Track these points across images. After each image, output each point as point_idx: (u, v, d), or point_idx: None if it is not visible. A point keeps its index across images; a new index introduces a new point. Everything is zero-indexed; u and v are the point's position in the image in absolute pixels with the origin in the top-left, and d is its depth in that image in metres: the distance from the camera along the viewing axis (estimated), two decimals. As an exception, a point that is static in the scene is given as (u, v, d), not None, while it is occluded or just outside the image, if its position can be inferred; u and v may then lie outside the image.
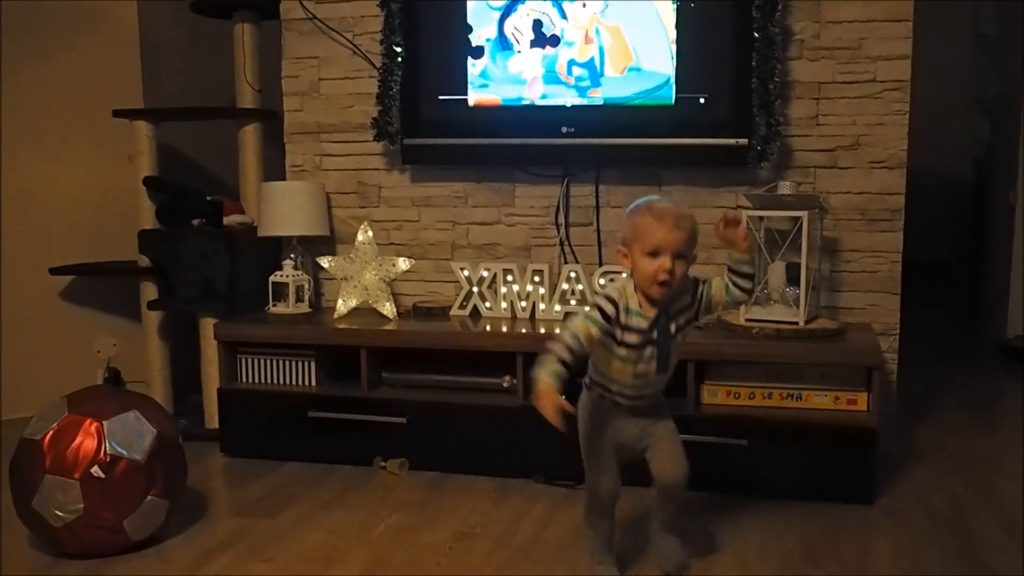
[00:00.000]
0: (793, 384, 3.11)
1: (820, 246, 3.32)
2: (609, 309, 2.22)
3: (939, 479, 3.27)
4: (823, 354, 3.05)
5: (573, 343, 2.16)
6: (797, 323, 3.15)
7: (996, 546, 2.70)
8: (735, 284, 2.31)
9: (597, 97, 3.43)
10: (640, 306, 2.25)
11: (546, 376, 2.13)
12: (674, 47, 3.35)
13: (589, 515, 2.47)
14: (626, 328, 2.24)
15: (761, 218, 3.24)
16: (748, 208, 3.25)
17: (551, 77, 3.47)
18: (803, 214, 3.11)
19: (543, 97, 3.49)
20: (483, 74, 3.52)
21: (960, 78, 7.27)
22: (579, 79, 3.44)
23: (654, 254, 2.19)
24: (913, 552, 2.66)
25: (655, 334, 2.25)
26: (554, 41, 3.45)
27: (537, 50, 3.47)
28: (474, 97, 3.54)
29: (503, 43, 3.50)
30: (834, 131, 3.40)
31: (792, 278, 3.21)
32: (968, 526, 2.85)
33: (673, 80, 3.35)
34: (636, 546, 2.63)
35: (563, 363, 2.15)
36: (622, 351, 2.26)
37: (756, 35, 3.27)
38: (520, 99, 3.51)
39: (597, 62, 3.42)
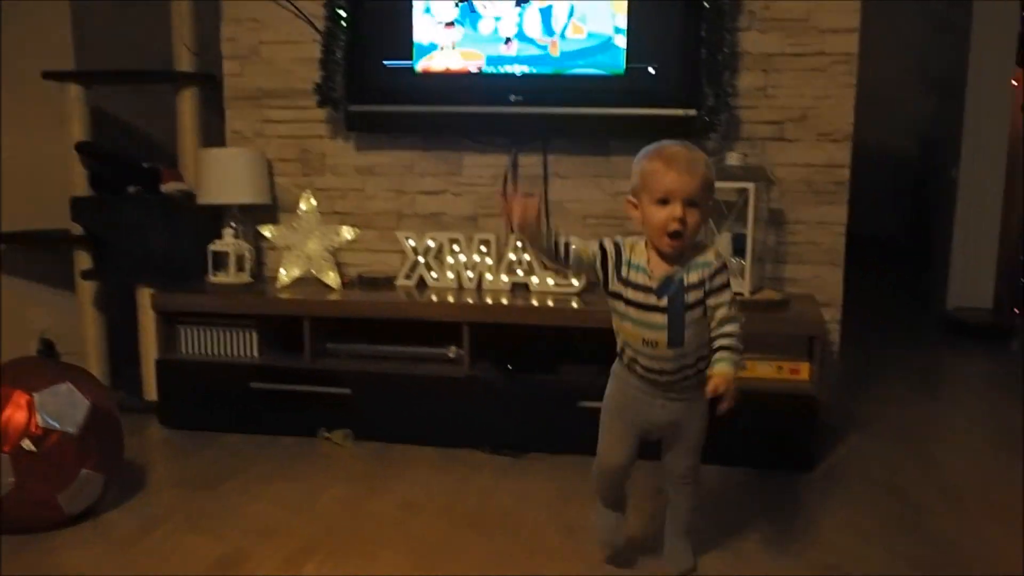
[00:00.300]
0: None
1: (766, 218, 3.33)
2: (609, 249, 2.13)
3: (878, 447, 3.31)
4: (767, 324, 3.05)
5: (575, 242, 2.16)
6: (742, 293, 3.15)
7: (932, 511, 2.74)
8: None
9: (546, 66, 3.39)
10: (648, 263, 2.08)
11: None
12: (624, 16, 3.31)
13: (595, 482, 2.37)
14: (626, 283, 2.10)
15: (708, 189, 3.23)
16: (695, 178, 3.24)
17: (499, 45, 3.42)
18: (750, 185, 3.11)
19: (491, 64, 3.44)
20: (431, 45, 3.46)
21: (909, 54, 7.33)
22: (527, 46, 3.40)
23: (663, 202, 2.02)
24: (852, 518, 2.68)
25: (666, 300, 2.06)
26: (502, 9, 3.40)
27: (487, 17, 3.42)
28: (421, 64, 3.49)
29: (463, 10, 3.44)
30: (782, 103, 3.40)
31: (738, 249, 3.21)
32: (906, 492, 2.89)
33: (624, 49, 3.32)
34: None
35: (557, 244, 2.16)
36: (625, 308, 2.11)
37: (706, 5, 3.26)
38: (468, 67, 3.45)
39: (547, 29, 3.38)
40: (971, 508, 2.78)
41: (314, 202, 3.54)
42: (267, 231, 3.59)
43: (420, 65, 3.48)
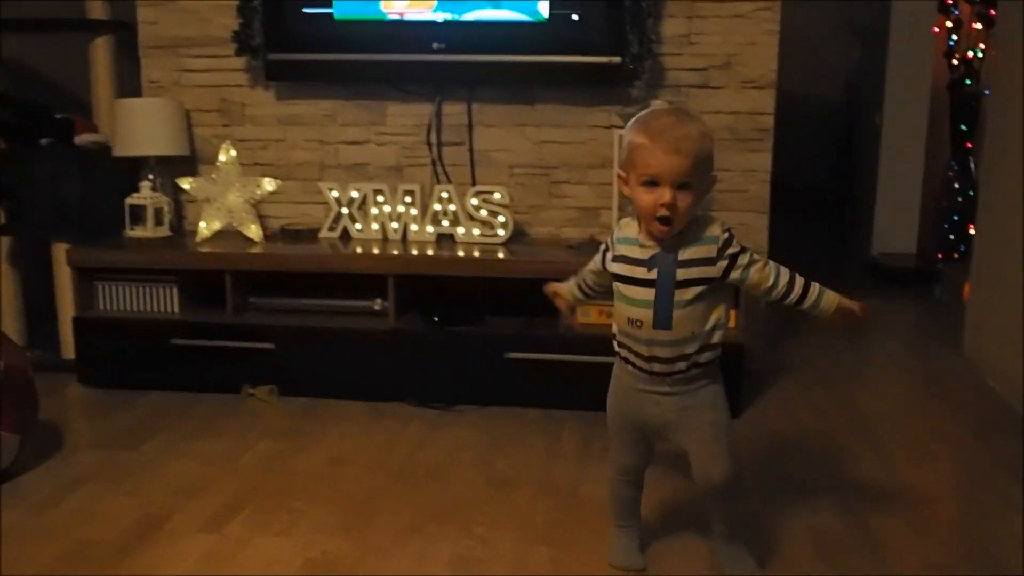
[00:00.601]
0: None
1: (692, 165, 3.32)
2: (606, 241, 2.00)
3: (804, 393, 3.35)
4: (694, 273, 3.05)
5: (588, 267, 2.09)
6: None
7: (856, 456, 2.78)
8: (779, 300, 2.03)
9: (468, 13, 3.33)
10: (639, 234, 1.90)
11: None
12: (546, -39, 3.27)
13: (610, 481, 2.17)
14: (616, 257, 1.94)
15: (634, 137, 3.21)
16: (621, 127, 3.22)
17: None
18: (675, 132, 3.09)
19: (442, 9, 3.37)
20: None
21: (833, 1, 7.36)
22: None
23: (651, 184, 1.82)
24: (778, 462, 2.73)
25: (655, 276, 1.87)
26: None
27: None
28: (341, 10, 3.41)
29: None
30: (706, 50, 3.39)
31: (664, 197, 3.20)
32: (830, 437, 2.93)
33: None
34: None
35: (580, 286, 2.15)
36: (616, 286, 1.95)
37: (629, -51, 3.22)
38: (388, 13, 3.38)
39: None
40: (894, 453, 2.83)
41: (234, 153, 3.46)
42: (186, 183, 3.50)
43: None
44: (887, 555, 2.19)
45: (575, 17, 3.28)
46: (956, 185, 5.82)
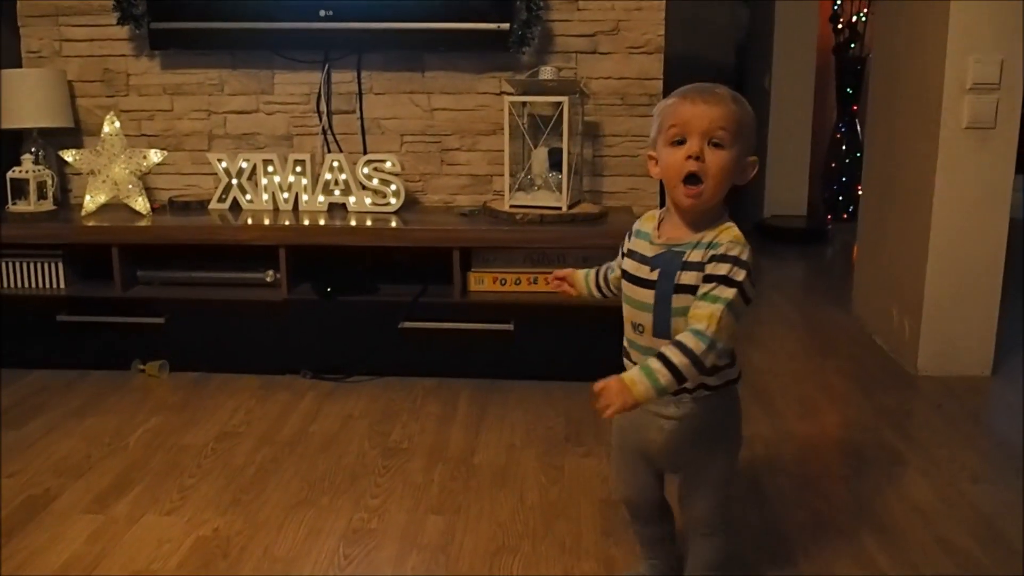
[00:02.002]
0: (557, 268, 3.14)
1: (581, 131, 3.35)
2: (629, 231, 1.78)
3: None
4: (585, 237, 3.09)
5: (614, 262, 1.84)
6: (560, 208, 3.18)
7: (745, 410, 2.84)
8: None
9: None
10: (657, 229, 1.70)
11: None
12: (433, -73, 3.25)
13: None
14: (627, 252, 1.73)
15: (524, 104, 3.23)
16: (511, 93, 3.23)
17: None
18: (564, 99, 3.11)
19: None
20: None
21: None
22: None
23: (679, 142, 1.60)
24: (669, 425, 2.77)
25: (656, 276, 1.65)
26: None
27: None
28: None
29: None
30: (594, 16, 3.40)
31: (555, 163, 3.23)
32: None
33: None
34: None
35: (598, 280, 1.92)
36: (623, 285, 1.73)
37: (515, -85, 3.22)
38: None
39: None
40: (782, 409, 2.91)
41: (119, 124, 3.38)
42: (69, 156, 3.41)
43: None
44: (775, 508, 2.27)
45: (463, -16, 3.28)
46: (843, 147, 5.98)
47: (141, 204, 3.36)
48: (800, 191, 5.88)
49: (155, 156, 3.40)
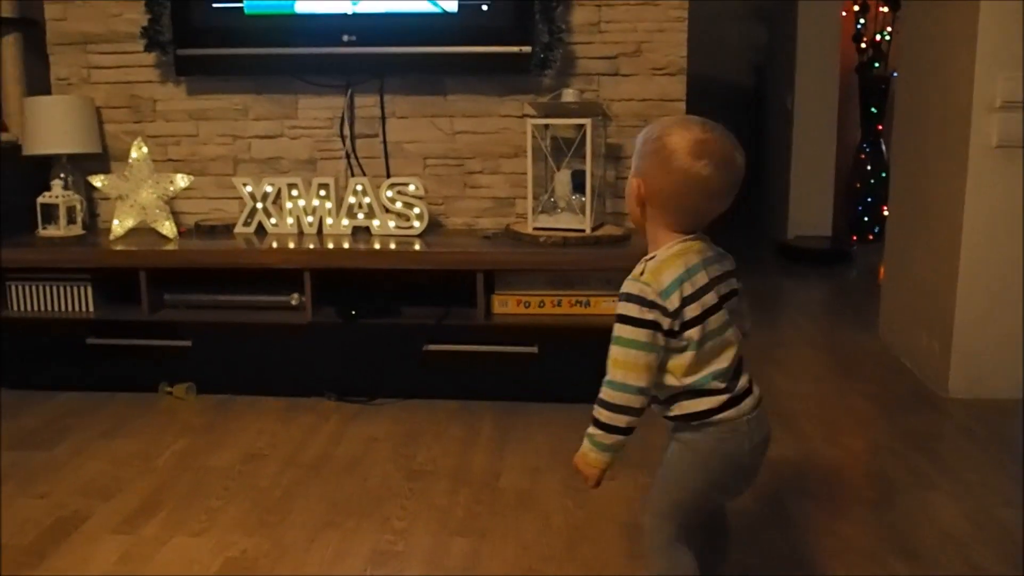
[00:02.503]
0: (580, 290, 3.16)
1: (604, 153, 3.37)
2: None
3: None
4: (609, 260, 3.09)
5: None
6: (583, 230, 3.19)
7: (773, 437, 2.84)
8: None
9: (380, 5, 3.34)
10: None
11: None
12: (455, -48, 3.28)
13: None
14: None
15: (546, 126, 3.25)
16: (533, 116, 3.25)
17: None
18: (586, 121, 3.13)
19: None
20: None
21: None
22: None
23: None
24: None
25: None
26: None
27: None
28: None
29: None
30: (615, 38, 3.42)
31: (577, 185, 3.24)
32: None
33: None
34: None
35: None
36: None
37: (537, -61, 3.25)
38: (292, 7, 3.37)
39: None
40: (808, 432, 2.90)
41: (146, 150, 3.42)
42: (98, 181, 3.46)
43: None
44: (801, 532, 2.25)
45: (484, 7, 3.30)
46: (868, 167, 5.96)
47: (168, 228, 3.40)
48: (824, 212, 5.87)
49: (182, 181, 3.43)
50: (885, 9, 5.69)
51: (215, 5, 3.39)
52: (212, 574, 2.08)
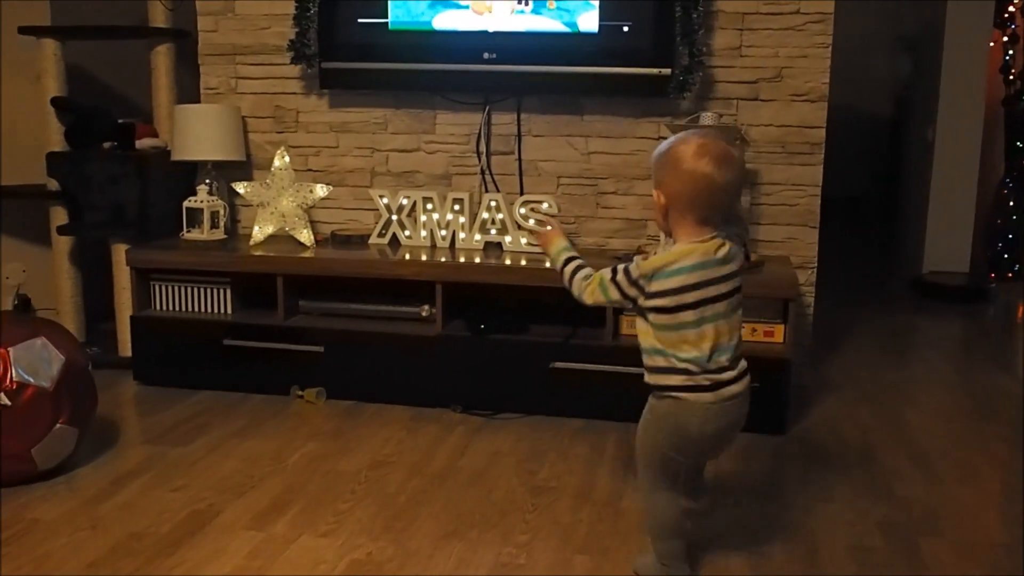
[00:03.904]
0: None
1: (740, 178, 3.32)
2: None
3: (850, 410, 3.34)
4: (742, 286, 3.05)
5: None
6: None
7: (902, 474, 2.77)
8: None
9: (519, 23, 3.37)
10: None
11: None
12: (598, -27, 3.30)
13: None
14: None
15: (682, 149, 3.23)
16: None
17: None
18: (723, 146, 3.10)
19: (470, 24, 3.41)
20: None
21: (882, 13, 7.32)
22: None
23: None
24: (823, 480, 2.71)
25: None
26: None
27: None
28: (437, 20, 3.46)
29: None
30: (756, 63, 3.39)
31: (711, 210, 3.21)
32: (876, 455, 2.92)
33: (597, 6, 3.30)
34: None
35: None
36: None
37: (681, -37, 3.24)
38: (433, 24, 3.43)
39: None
40: (941, 472, 2.81)
41: (288, 159, 3.53)
42: (241, 188, 3.58)
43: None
44: (930, 574, 2.18)
45: (625, 28, 3.30)
46: (1011, 203, 5.75)
47: (306, 236, 3.49)
48: (962, 247, 5.67)
49: (321, 190, 3.52)
50: (1036, 41, 5.50)
51: (360, 20, 3.48)
52: (338, 574, 2.12)
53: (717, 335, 1.95)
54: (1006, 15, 5.50)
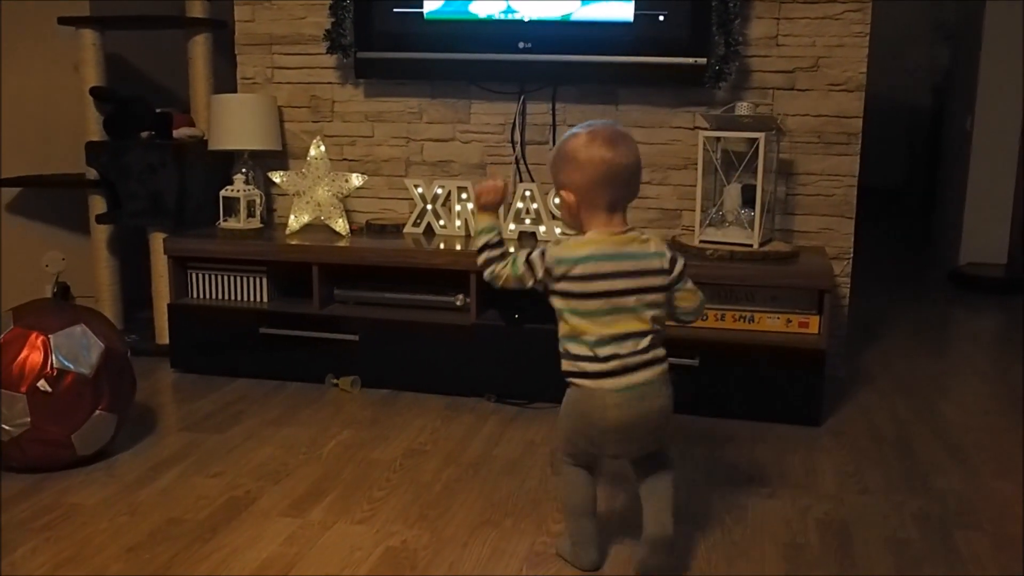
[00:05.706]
0: (745, 306, 3.12)
1: (776, 168, 3.31)
2: None
3: (885, 402, 3.32)
4: (776, 276, 3.05)
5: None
6: (751, 245, 3.15)
7: (938, 466, 2.75)
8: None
9: (554, 12, 3.37)
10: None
11: None
12: (634, -38, 3.28)
13: None
14: None
15: (718, 139, 3.22)
16: (705, 129, 3.23)
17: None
18: (760, 136, 3.09)
19: (506, 12, 3.41)
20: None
21: (921, 3, 7.24)
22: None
23: None
24: (858, 472, 2.70)
25: None
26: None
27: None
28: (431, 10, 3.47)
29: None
30: (793, 52, 3.37)
31: (747, 200, 3.20)
32: (912, 447, 2.90)
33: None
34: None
35: None
36: None
37: (717, -48, 3.22)
38: (474, 13, 3.43)
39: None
40: (977, 465, 2.78)
41: (323, 148, 3.55)
42: (277, 177, 3.60)
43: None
44: (968, 567, 2.17)
45: (661, 18, 3.29)
46: (1051, 194, 5.67)
47: (341, 225, 3.51)
48: (1000, 238, 5.60)
49: (356, 180, 3.54)
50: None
51: (396, 10, 3.49)
52: (373, 561, 2.14)
53: (624, 326, 1.98)
54: (1047, 3, 5.42)
